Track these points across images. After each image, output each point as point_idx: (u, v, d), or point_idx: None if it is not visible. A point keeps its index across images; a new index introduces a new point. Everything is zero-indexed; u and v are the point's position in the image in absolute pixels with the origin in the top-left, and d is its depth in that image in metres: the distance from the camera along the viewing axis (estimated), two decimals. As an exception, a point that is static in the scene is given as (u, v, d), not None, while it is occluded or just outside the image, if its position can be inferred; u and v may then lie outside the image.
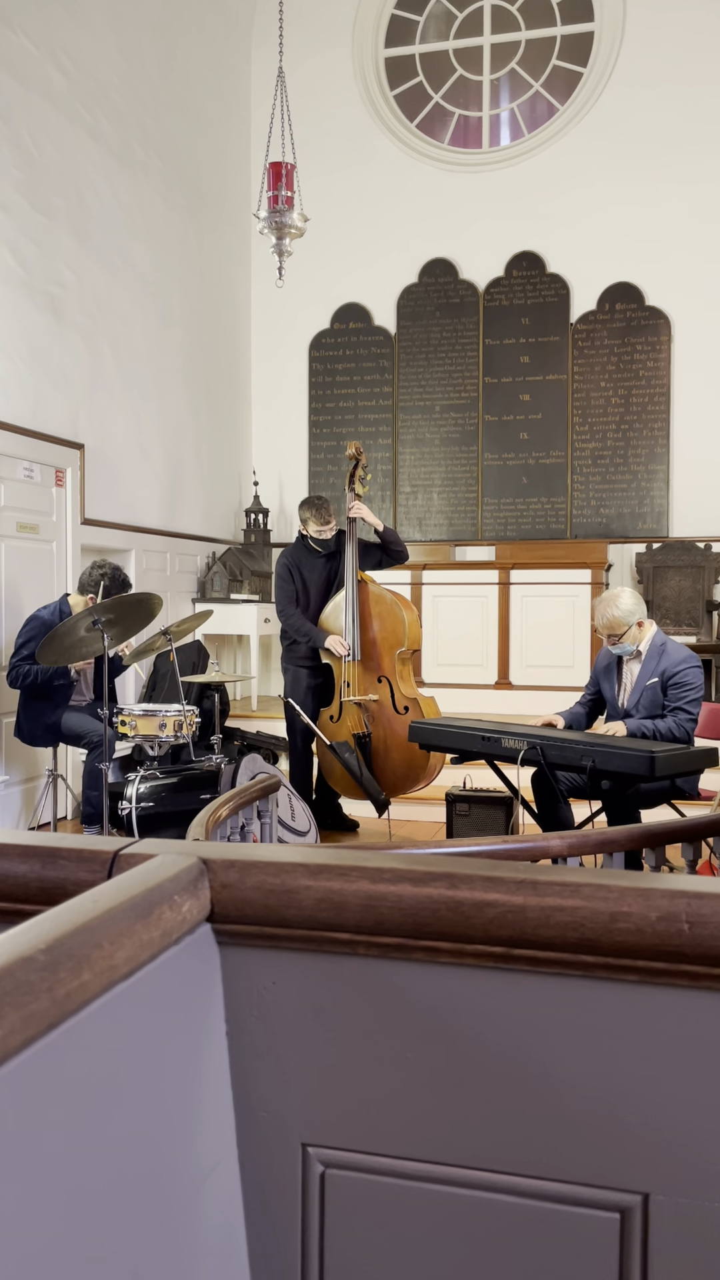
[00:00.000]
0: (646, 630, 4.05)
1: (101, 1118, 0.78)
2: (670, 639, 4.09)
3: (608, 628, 4.00)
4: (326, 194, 7.67)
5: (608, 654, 4.20)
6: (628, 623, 3.97)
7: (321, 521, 5.03)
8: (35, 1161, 0.69)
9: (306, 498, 5.20)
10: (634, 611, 3.99)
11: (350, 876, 0.93)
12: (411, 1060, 0.93)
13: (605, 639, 4.06)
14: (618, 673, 4.15)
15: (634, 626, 3.99)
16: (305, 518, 5.07)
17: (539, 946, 0.88)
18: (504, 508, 7.66)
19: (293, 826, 4.34)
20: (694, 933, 0.85)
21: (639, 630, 4.02)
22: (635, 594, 4.07)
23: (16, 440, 5.24)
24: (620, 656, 4.13)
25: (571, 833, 2.59)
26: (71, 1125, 0.74)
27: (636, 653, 4.05)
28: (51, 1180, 0.71)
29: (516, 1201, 0.92)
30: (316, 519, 5.03)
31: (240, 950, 0.96)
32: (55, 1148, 0.72)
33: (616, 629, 3.98)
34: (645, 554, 7.26)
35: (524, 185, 7.56)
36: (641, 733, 3.90)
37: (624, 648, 4.03)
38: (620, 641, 4.01)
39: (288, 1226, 0.97)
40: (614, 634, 4.00)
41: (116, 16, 6.17)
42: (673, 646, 4.02)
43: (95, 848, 1.01)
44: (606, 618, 3.99)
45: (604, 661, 4.21)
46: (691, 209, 7.23)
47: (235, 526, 7.99)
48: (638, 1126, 0.89)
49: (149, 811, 4.10)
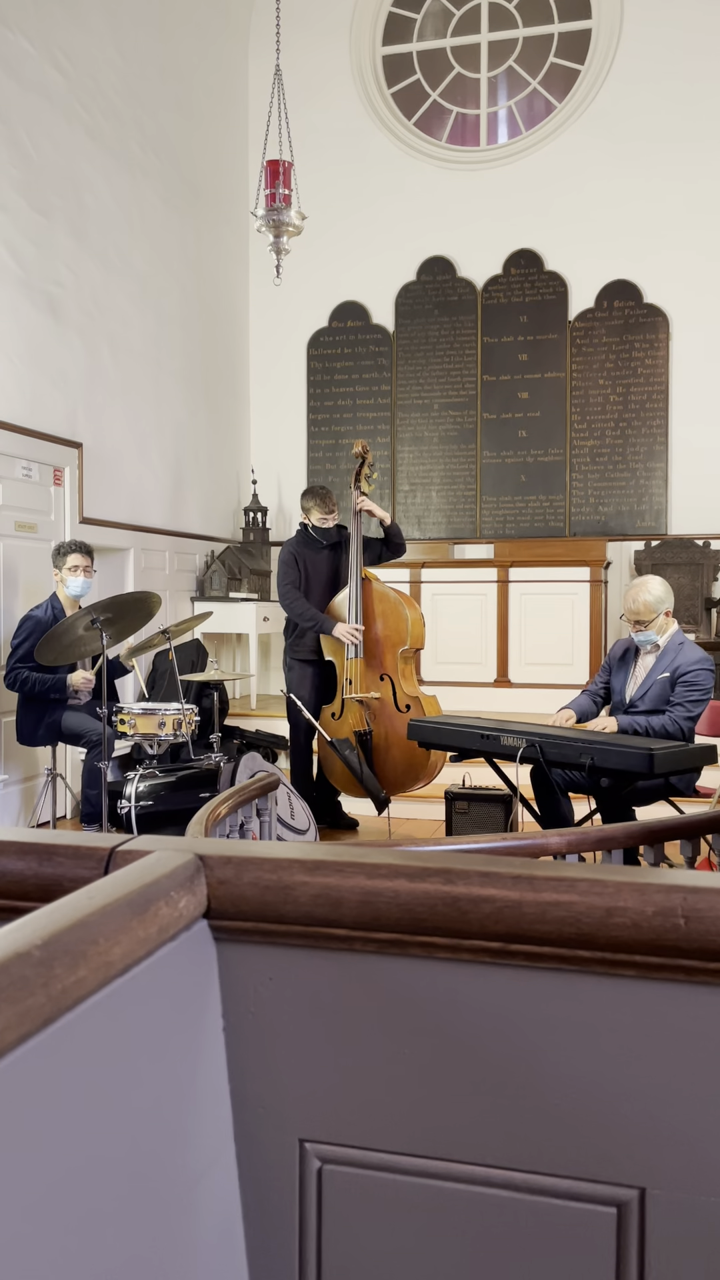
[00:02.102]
0: (670, 623, 4.05)
1: (97, 1114, 0.78)
2: (688, 639, 4.09)
3: (636, 613, 3.99)
4: (324, 192, 7.67)
5: (625, 643, 4.19)
6: (657, 610, 3.97)
7: (325, 510, 5.07)
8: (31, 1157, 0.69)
9: (309, 487, 5.24)
10: (664, 599, 3.99)
11: (347, 872, 0.93)
12: (408, 1055, 0.93)
13: (631, 625, 4.05)
14: (633, 663, 4.15)
15: (661, 615, 3.99)
16: (308, 506, 5.10)
17: (535, 942, 0.89)
18: (503, 506, 7.66)
19: (292, 825, 4.34)
20: (690, 927, 0.85)
21: (665, 620, 4.01)
22: (664, 583, 4.06)
23: (15, 439, 5.24)
24: (636, 648, 4.12)
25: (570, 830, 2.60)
26: (67, 1121, 0.74)
27: (655, 645, 4.04)
28: (48, 1176, 0.71)
29: (513, 1196, 0.92)
30: (320, 507, 5.06)
31: (237, 946, 0.97)
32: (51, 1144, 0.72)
33: (646, 615, 3.97)
34: (644, 551, 7.26)
35: (522, 183, 7.56)
36: (634, 729, 3.90)
37: (647, 635, 4.02)
38: (646, 629, 4.00)
39: (285, 1222, 0.98)
40: (641, 620, 3.99)
41: (114, 16, 6.17)
42: (690, 646, 4.02)
43: (92, 844, 1.01)
44: (637, 603, 3.97)
45: (620, 650, 4.21)
46: (689, 206, 7.23)
47: (234, 525, 7.99)
48: (634, 1121, 0.89)
49: (148, 810, 4.10)
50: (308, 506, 5.11)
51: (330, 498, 5.11)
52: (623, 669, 4.17)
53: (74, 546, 4.76)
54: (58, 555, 4.76)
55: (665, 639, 4.03)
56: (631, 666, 4.14)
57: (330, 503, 5.09)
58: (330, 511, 5.08)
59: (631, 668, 4.14)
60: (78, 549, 4.75)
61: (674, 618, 4.10)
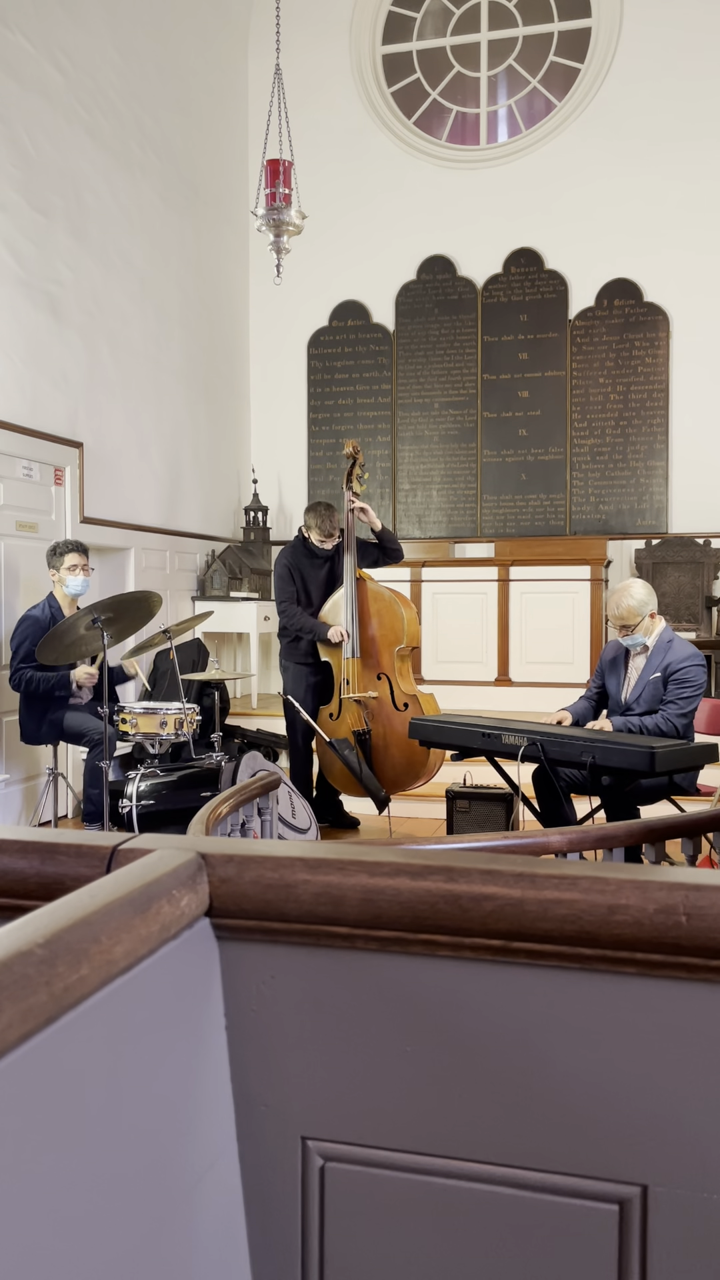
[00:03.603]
0: (657, 624, 4.07)
1: (100, 1112, 0.78)
2: (677, 635, 4.11)
3: (621, 618, 4.01)
4: (324, 191, 7.67)
5: (614, 647, 4.21)
6: (641, 613, 3.99)
7: (324, 534, 5.06)
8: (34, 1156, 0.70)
9: (314, 503, 5.20)
10: (647, 602, 4.01)
11: (348, 870, 0.93)
12: (410, 1053, 0.94)
13: (618, 630, 4.07)
14: (624, 666, 4.16)
15: (646, 618, 4.00)
16: (309, 524, 5.09)
17: (537, 939, 0.89)
18: (503, 504, 7.66)
19: (293, 824, 4.34)
20: (691, 925, 0.85)
21: (651, 621, 4.03)
22: (646, 585, 4.09)
23: (15, 439, 5.24)
24: (627, 650, 4.14)
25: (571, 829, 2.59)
26: (70, 1119, 0.74)
27: (644, 647, 4.06)
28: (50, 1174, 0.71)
29: (516, 1194, 0.92)
30: (320, 530, 5.05)
31: (239, 944, 0.97)
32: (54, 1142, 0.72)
33: (630, 619, 3.99)
34: (644, 550, 7.26)
35: (522, 181, 7.56)
36: (628, 730, 3.90)
37: (635, 639, 4.04)
38: (633, 633, 4.02)
39: (288, 1220, 0.98)
40: (627, 625, 4.01)
41: (114, 15, 6.16)
42: (679, 643, 4.03)
43: (94, 843, 1.01)
44: (621, 608, 3.99)
45: (610, 654, 4.22)
46: (689, 205, 7.22)
47: (234, 524, 7.99)
48: (636, 1118, 0.89)
49: (150, 809, 4.10)
50: (309, 524, 5.10)
51: (332, 519, 5.07)
52: (615, 673, 4.18)
53: (70, 546, 4.76)
54: (54, 555, 4.76)
55: (653, 639, 4.05)
56: (623, 669, 4.16)
57: (331, 525, 5.06)
58: (330, 535, 5.06)
59: (623, 671, 4.16)
60: (74, 548, 4.75)
61: (660, 616, 4.11)
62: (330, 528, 5.06)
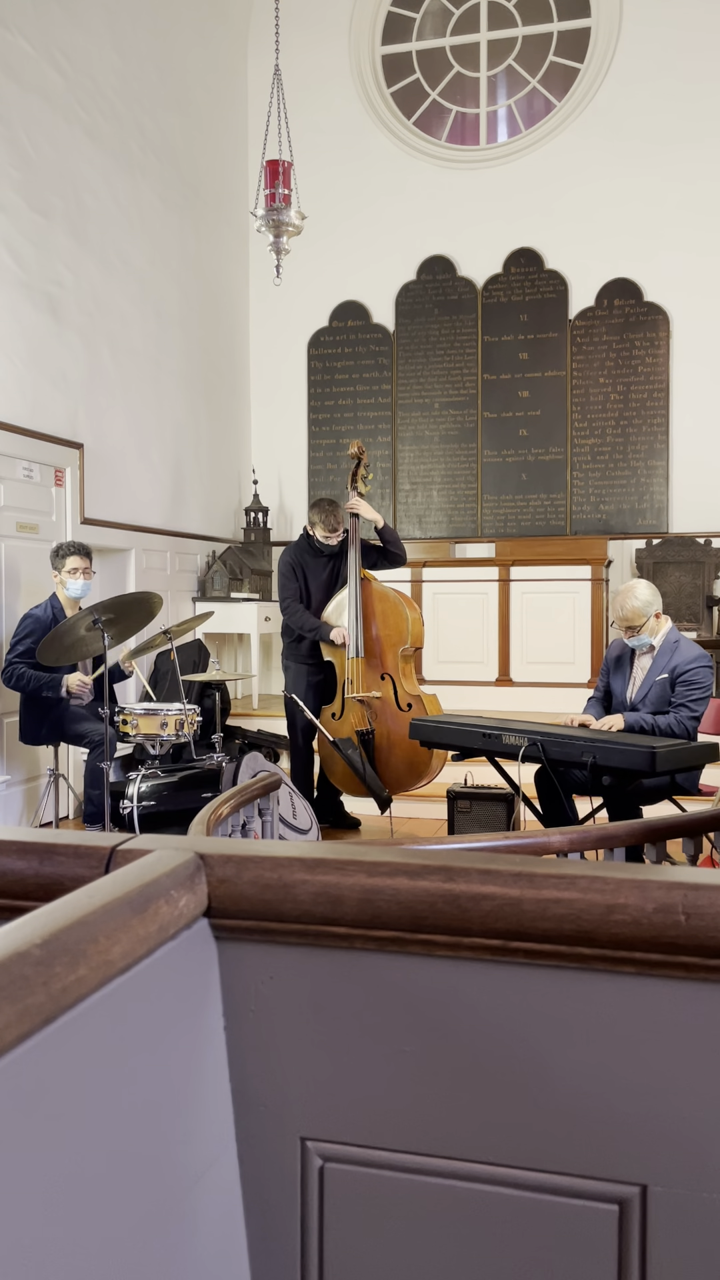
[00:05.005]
0: (662, 624, 4.06)
1: (98, 1113, 0.78)
2: (684, 636, 4.10)
3: (626, 620, 4.00)
4: (324, 192, 7.67)
5: (619, 646, 4.20)
6: (646, 614, 3.98)
7: (328, 529, 5.05)
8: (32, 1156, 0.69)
9: (319, 499, 5.19)
10: (651, 603, 4.00)
11: (347, 870, 0.93)
12: (409, 1053, 0.93)
13: (623, 631, 4.07)
14: (629, 665, 4.15)
15: (651, 618, 4.00)
16: (314, 520, 5.09)
17: (536, 939, 0.88)
18: (504, 504, 7.66)
19: (294, 824, 4.34)
20: (690, 924, 0.85)
21: (656, 622, 4.02)
22: (651, 585, 4.08)
23: (15, 440, 5.25)
24: (632, 650, 4.13)
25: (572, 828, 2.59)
26: (68, 1120, 0.74)
27: (650, 647, 4.05)
28: (49, 1174, 0.71)
29: (515, 1194, 0.92)
30: (324, 525, 5.04)
31: (238, 945, 0.97)
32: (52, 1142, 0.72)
33: (635, 620, 3.98)
34: (645, 550, 7.25)
35: (522, 182, 7.56)
36: (640, 726, 3.89)
37: (640, 639, 4.03)
38: (638, 634, 4.02)
39: (287, 1220, 0.98)
40: (632, 626, 4.00)
41: (113, 16, 6.17)
42: (685, 644, 4.02)
43: (92, 843, 1.01)
44: (626, 609, 3.99)
45: (615, 653, 4.21)
46: (689, 205, 7.22)
47: (235, 525, 7.99)
48: (635, 1118, 0.89)
49: (150, 810, 4.10)
50: (314, 520, 5.10)
51: (336, 515, 5.06)
52: (620, 672, 4.17)
53: (73, 548, 4.75)
54: (56, 557, 4.76)
55: (659, 639, 4.04)
56: (628, 669, 4.15)
57: (335, 521, 5.05)
58: (334, 530, 5.05)
59: (629, 670, 4.14)
60: (76, 551, 4.74)
61: (665, 616, 4.10)
62: (334, 523, 5.05)
